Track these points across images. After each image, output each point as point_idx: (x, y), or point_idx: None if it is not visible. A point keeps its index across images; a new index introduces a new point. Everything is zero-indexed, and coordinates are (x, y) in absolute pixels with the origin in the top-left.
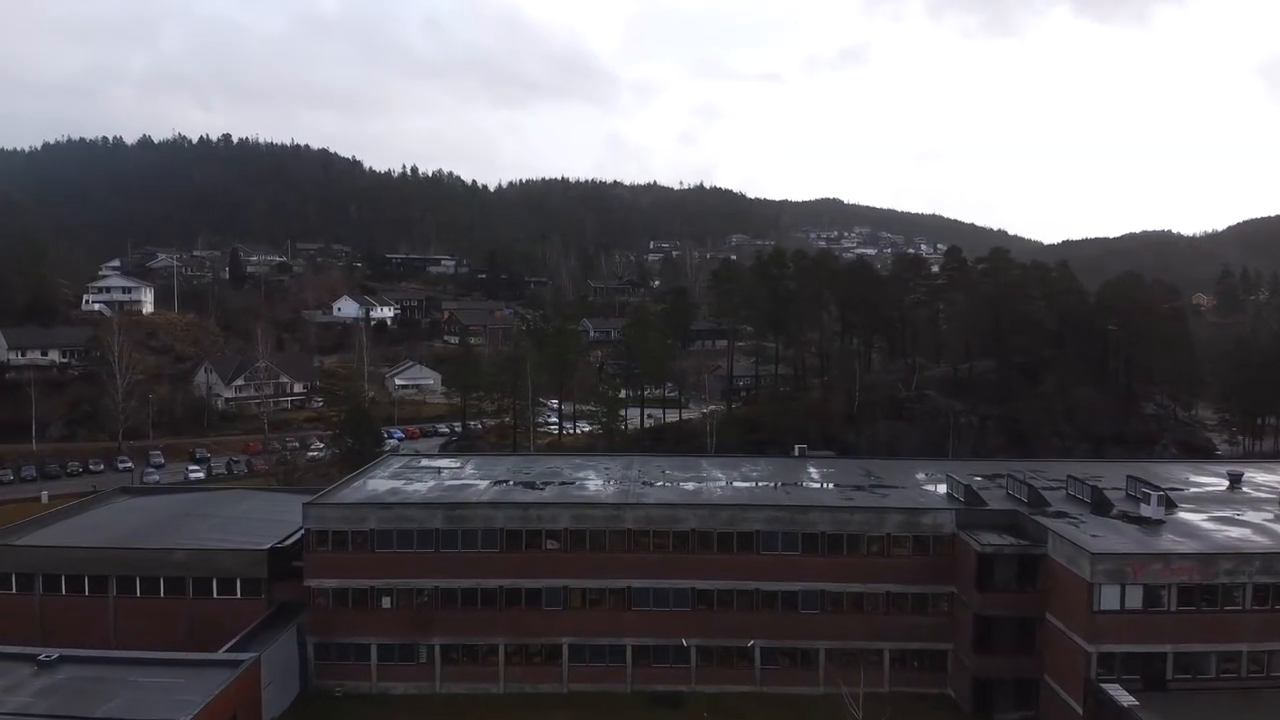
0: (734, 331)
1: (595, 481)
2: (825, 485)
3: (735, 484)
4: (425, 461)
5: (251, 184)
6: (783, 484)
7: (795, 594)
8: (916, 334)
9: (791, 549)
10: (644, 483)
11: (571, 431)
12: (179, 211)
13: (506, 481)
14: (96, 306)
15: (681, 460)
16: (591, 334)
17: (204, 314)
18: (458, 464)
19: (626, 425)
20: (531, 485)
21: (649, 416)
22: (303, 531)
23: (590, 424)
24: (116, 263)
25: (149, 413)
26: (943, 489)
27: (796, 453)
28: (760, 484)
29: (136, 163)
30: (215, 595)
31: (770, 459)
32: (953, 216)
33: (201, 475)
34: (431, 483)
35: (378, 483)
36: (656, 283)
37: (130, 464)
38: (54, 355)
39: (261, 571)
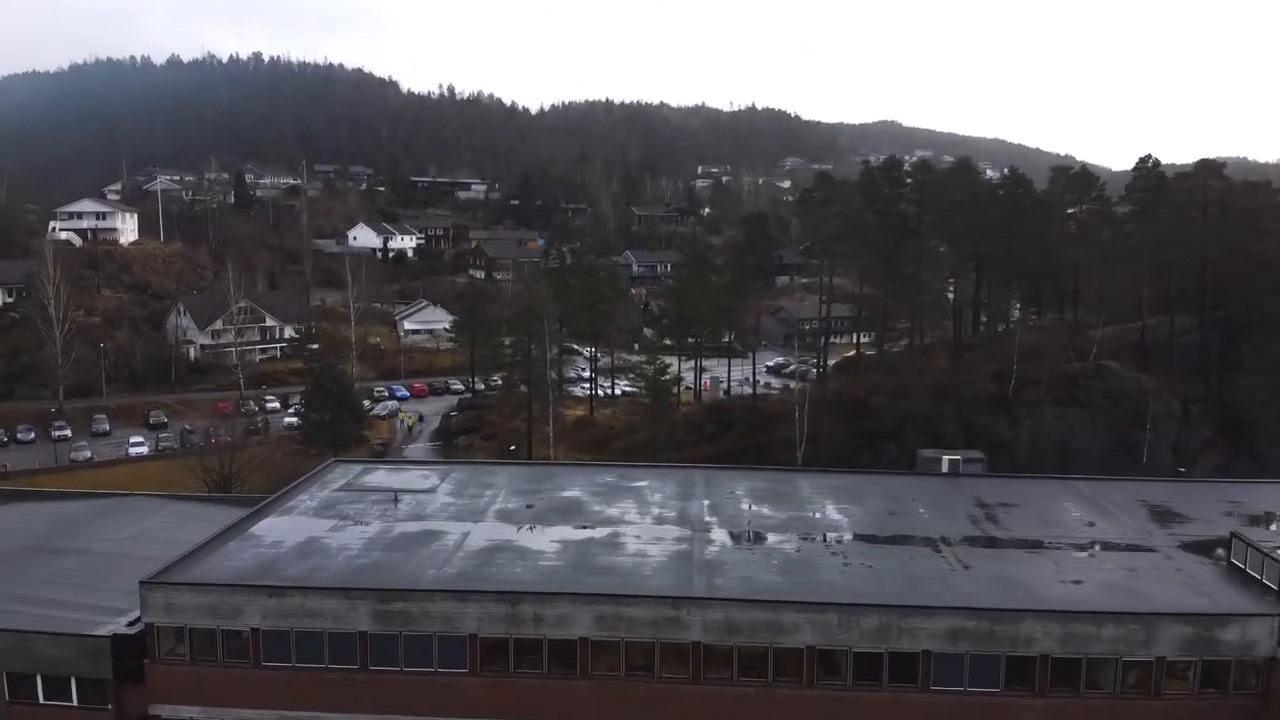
0: (830, 269)
1: (636, 530)
2: (1011, 538)
3: (858, 532)
4: (381, 477)
5: (281, 105)
6: (942, 537)
7: None
8: (1081, 280)
9: (987, 683)
10: (716, 528)
11: (608, 394)
12: (204, 133)
13: (493, 522)
14: (64, 235)
15: (768, 480)
16: (635, 268)
17: (201, 244)
18: (428, 482)
19: (680, 395)
20: (532, 536)
21: (704, 371)
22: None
23: (631, 383)
24: (118, 186)
25: (102, 365)
26: (1168, 540)
27: (945, 466)
28: (899, 535)
29: (164, 83)
30: (41, 700)
31: (903, 477)
32: (1017, 141)
33: (145, 450)
34: (376, 527)
35: (292, 526)
36: (706, 210)
37: (68, 431)
38: None
39: (103, 670)
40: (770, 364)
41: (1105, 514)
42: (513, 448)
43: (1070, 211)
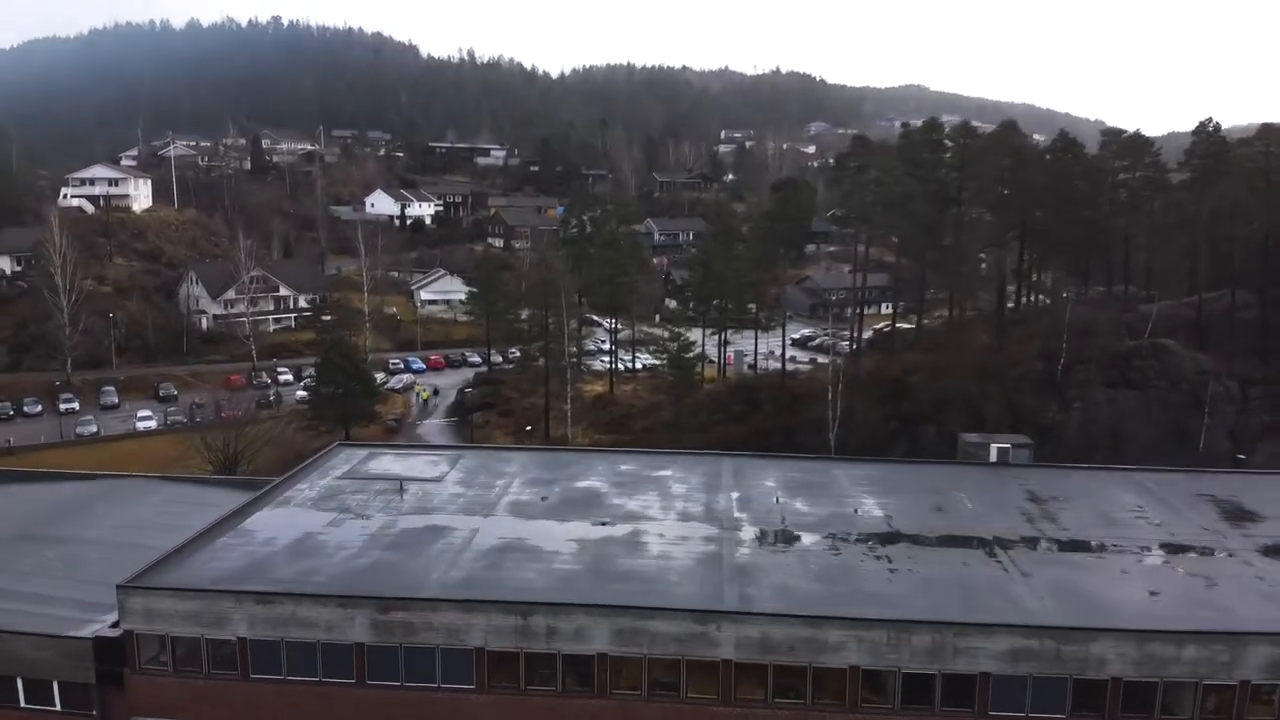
0: (865, 238)
1: (659, 527)
2: (1071, 539)
3: (903, 532)
4: (386, 463)
5: (300, 69)
6: (996, 538)
7: None
8: (1130, 252)
9: (1051, 708)
10: (747, 526)
11: (628, 367)
12: (223, 98)
13: (505, 516)
14: (76, 202)
15: (801, 470)
16: (657, 237)
17: (216, 211)
18: (436, 469)
19: (703, 372)
20: (546, 534)
21: (727, 344)
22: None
23: (653, 356)
24: (134, 152)
25: (112, 336)
26: (1244, 542)
27: (993, 454)
28: (949, 536)
29: (183, 48)
30: (22, 704)
31: (948, 467)
32: (1047, 106)
33: (153, 424)
34: (378, 521)
35: (288, 519)
36: (730, 176)
37: (75, 404)
38: (3, 263)
39: (85, 673)
40: (796, 336)
41: (1171, 511)
42: (529, 428)
43: (1122, 179)
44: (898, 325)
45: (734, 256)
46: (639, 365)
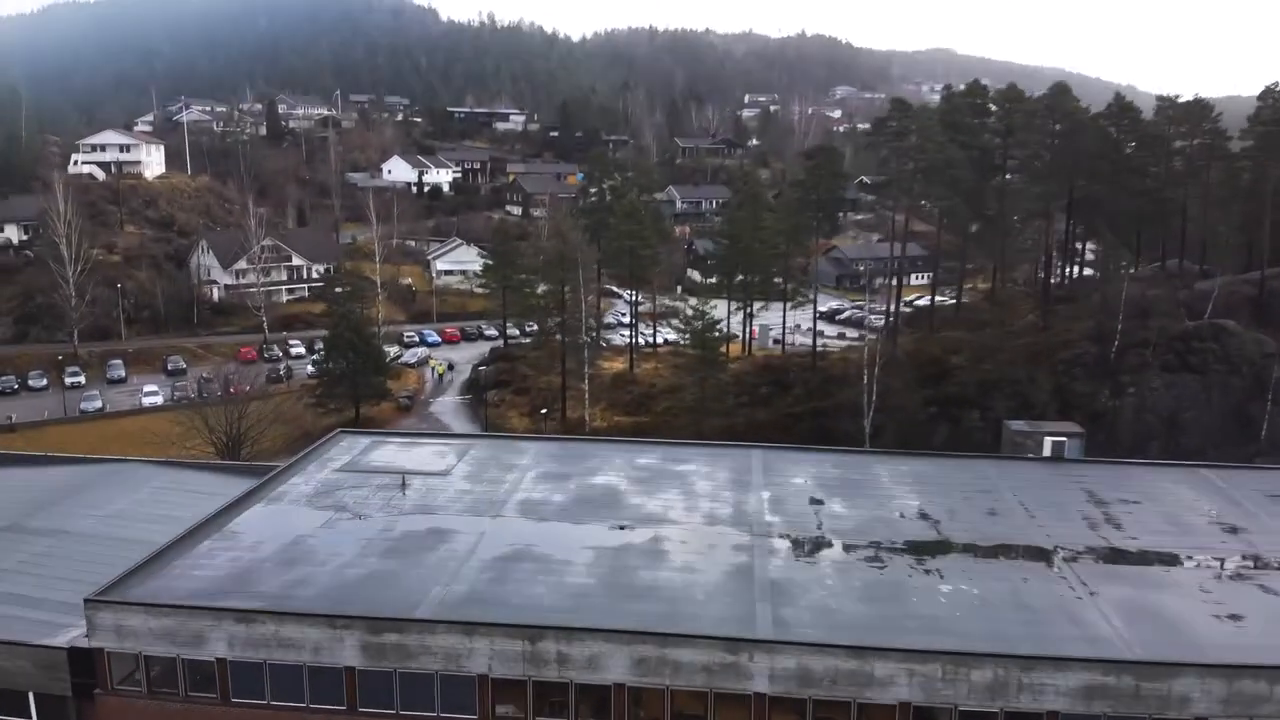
0: (905, 208)
1: (683, 532)
2: (1140, 550)
3: (953, 540)
4: (389, 454)
5: (319, 33)
6: (1056, 548)
7: None
8: (1186, 225)
9: None
10: (780, 532)
11: (649, 341)
12: (242, 62)
13: (514, 518)
14: (86, 169)
15: (838, 465)
16: (679, 205)
17: (231, 177)
18: (443, 461)
19: (728, 350)
20: (558, 540)
21: (751, 317)
22: None
23: (675, 332)
24: (150, 117)
25: (120, 306)
26: None
27: (1047, 448)
28: (1005, 545)
29: (203, 11)
30: None
31: (997, 462)
32: (1077, 71)
33: (159, 400)
34: (376, 522)
35: (279, 519)
36: (753, 141)
37: (81, 378)
38: (11, 232)
39: (60, 685)
40: (823, 309)
41: (1246, 515)
42: (544, 411)
43: (1178, 146)
44: (935, 299)
45: (761, 226)
46: (660, 340)
